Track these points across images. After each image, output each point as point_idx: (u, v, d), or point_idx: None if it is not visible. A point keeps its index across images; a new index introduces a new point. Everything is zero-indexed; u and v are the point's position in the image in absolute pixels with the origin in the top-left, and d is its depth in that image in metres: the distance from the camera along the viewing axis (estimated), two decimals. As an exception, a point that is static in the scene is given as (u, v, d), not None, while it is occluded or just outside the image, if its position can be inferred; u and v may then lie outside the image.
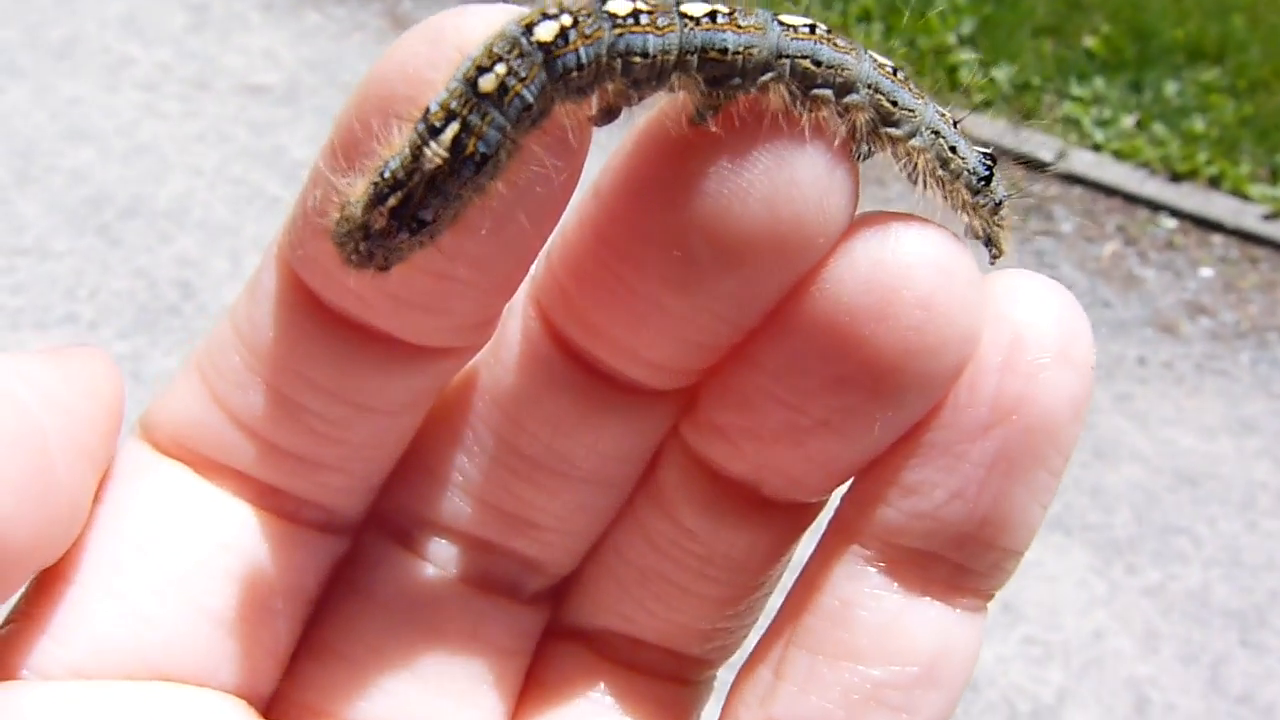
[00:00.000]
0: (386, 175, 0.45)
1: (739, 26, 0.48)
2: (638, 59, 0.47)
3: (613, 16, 0.47)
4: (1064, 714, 3.10)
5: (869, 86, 0.51)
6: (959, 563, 0.51)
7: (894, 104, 0.51)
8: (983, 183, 0.54)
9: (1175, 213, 5.04)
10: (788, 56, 0.49)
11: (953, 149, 0.54)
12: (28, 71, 5.07)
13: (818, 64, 0.49)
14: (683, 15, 0.48)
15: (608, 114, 0.49)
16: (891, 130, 0.52)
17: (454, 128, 0.44)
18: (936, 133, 0.53)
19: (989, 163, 0.55)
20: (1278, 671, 3.27)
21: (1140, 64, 5.77)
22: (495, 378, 0.57)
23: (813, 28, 0.50)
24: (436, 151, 0.44)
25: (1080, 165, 5.25)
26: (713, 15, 0.48)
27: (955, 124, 0.54)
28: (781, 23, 0.50)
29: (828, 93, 0.49)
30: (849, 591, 0.52)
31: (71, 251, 4.13)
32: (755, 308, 0.50)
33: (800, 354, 0.50)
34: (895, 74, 0.52)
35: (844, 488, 0.55)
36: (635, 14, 0.47)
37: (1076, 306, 0.51)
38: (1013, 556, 0.52)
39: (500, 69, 0.45)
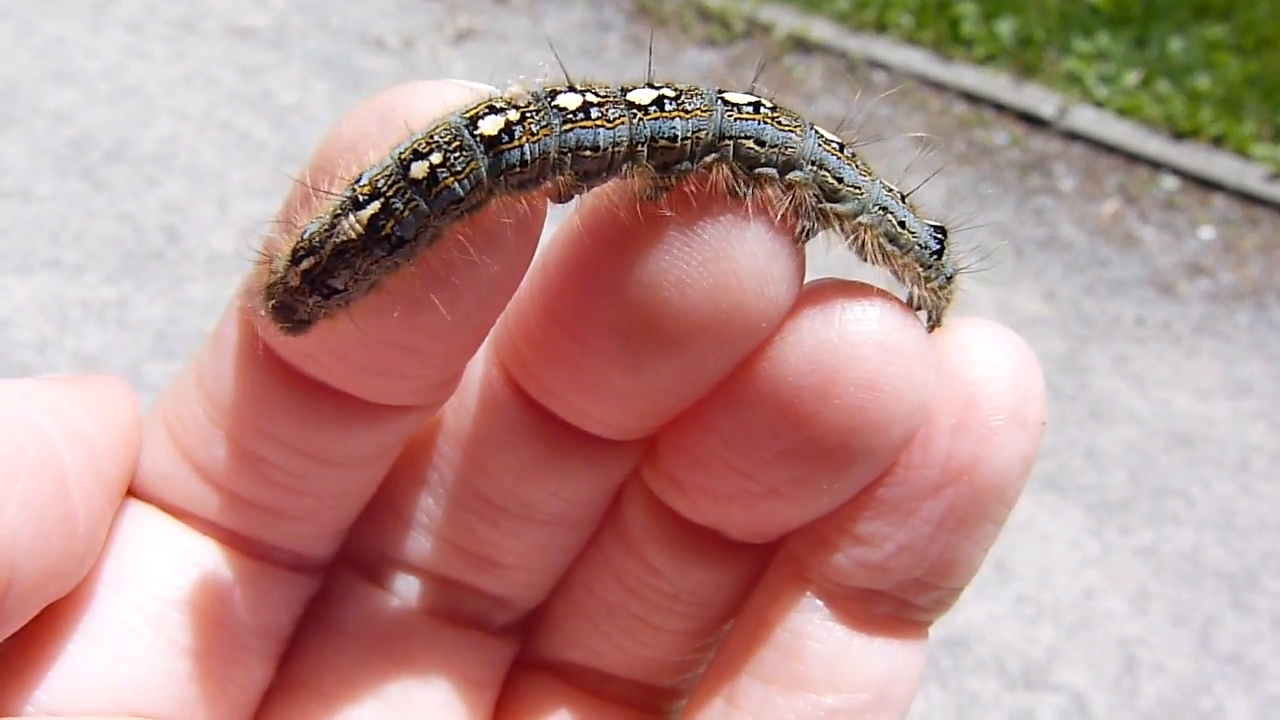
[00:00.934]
0: (305, 237, 0.45)
1: (686, 111, 0.48)
2: (589, 153, 0.47)
3: (562, 111, 0.47)
4: (1054, 672, 3.11)
5: (813, 163, 0.50)
6: (903, 599, 0.53)
7: (839, 180, 0.51)
8: (934, 256, 0.54)
9: (1177, 172, 4.99)
10: (731, 138, 0.49)
11: (901, 224, 0.53)
12: (9, 10, 4.95)
13: (761, 144, 0.49)
14: (631, 105, 0.48)
15: (560, 198, 0.49)
16: (836, 206, 0.51)
17: (375, 206, 0.44)
18: (884, 209, 0.53)
19: (940, 236, 0.55)
20: (1267, 633, 3.27)
21: (1145, 20, 5.68)
22: (459, 422, 0.57)
23: (756, 106, 0.50)
24: (352, 225, 0.45)
25: (1082, 122, 5.18)
26: (660, 102, 0.48)
27: (904, 198, 0.54)
28: (726, 101, 0.49)
29: (771, 171, 0.49)
30: (800, 625, 0.54)
31: (55, 195, 4.05)
32: (702, 384, 0.51)
33: (748, 427, 0.50)
34: (842, 150, 0.52)
35: None
36: (585, 108, 0.47)
37: (1032, 362, 0.52)
38: (954, 593, 0.54)
39: (435, 158, 0.44)
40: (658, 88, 0.49)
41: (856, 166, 0.52)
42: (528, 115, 0.46)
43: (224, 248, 3.89)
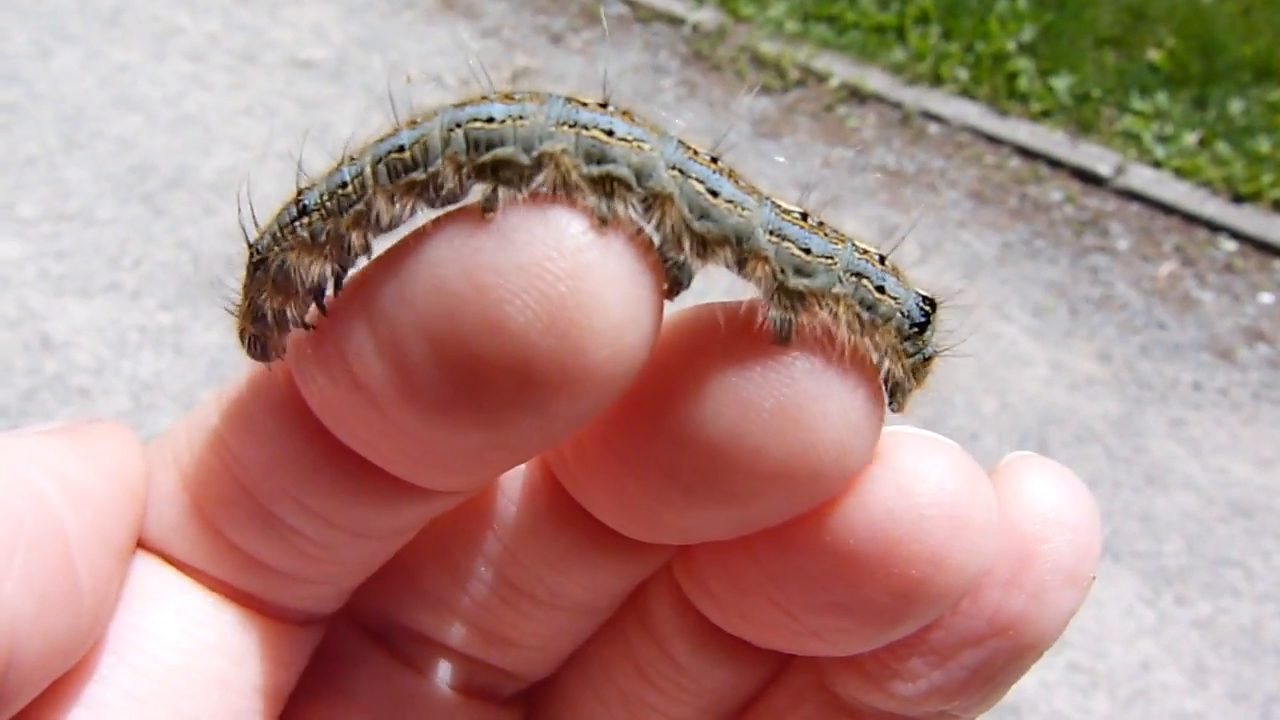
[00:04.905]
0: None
1: (632, 127, 0.45)
2: (478, 123, 0.44)
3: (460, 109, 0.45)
4: (1109, 746, 3.02)
5: (772, 233, 0.46)
6: None
7: (806, 251, 0.47)
8: (915, 329, 0.49)
9: (1236, 235, 4.93)
10: (681, 170, 0.45)
11: (880, 288, 0.49)
12: (77, 37, 5.05)
13: (715, 193, 0.46)
14: (568, 100, 0.45)
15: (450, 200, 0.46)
16: (808, 282, 0.47)
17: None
18: (859, 275, 0.48)
19: (928, 309, 0.50)
20: (1332, 715, 3.18)
21: (1205, 80, 5.64)
22: (491, 503, 0.55)
23: (715, 158, 0.46)
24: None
25: (1139, 182, 5.14)
26: (604, 104, 0.45)
27: (883, 259, 0.49)
28: (682, 142, 0.46)
29: (723, 231, 0.45)
30: None
31: (116, 220, 4.10)
32: (757, 528, 0.49)
33: (799, 574, 0.49)
34: (805, 219, 0.48)
35: None
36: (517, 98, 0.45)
37: (1093, 517, 0.51)
38: (981, 714, 0.54)
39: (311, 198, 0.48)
40: (608, 105, 0.45)
41: (825, 234, 0.48)
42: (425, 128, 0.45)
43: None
